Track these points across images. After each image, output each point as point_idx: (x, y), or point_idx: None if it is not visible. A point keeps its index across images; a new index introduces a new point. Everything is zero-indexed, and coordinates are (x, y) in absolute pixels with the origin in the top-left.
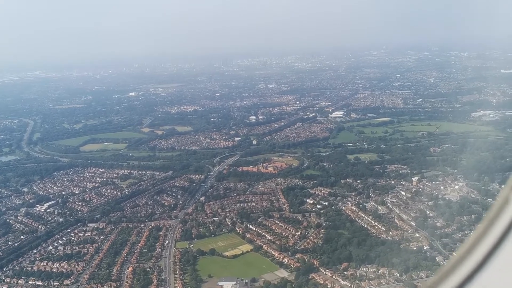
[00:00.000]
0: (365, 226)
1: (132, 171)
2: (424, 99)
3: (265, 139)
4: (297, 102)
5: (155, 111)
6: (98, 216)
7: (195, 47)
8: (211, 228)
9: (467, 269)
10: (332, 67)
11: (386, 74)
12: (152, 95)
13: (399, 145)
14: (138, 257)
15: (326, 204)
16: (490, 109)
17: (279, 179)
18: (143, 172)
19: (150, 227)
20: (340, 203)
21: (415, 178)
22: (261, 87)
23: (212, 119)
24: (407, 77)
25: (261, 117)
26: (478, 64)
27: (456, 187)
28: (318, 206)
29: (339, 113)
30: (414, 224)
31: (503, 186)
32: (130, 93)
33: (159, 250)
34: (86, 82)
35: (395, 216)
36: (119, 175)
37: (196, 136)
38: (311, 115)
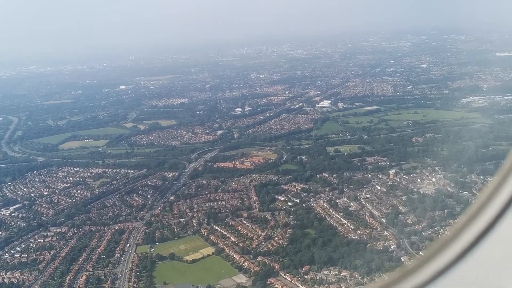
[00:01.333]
0: (334, 224)
1: (106, 170)
2: (414, 85)
3: (247, 132)
4: (286, 92)
5: (142, 105)
6: (63, 219)
7: (192, 38)
8: (175, 230)
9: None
10: (327, 54)
11: (380, 60)
12: (142, 88)
13: (382, 136)
14: (94, 264)
15: (298, 201)
16: (480, 95)
17: (254, 175)
18: (117, 170)
19: (113, 230)
20: (312, 200)
21: (392, 171)
22: (253, 77)
23: (198, 112)
24: (400, 63)
25: (247, 108)
26: (473, 48)
27: (434, 179)
28: (289, 204)
29: (326, 103)
30: (384, 221)
31: (481, 177)
32: (121, 87)
33: (118, 255)
34: (79, 76)
35: (367, 213)
36: (93, 174)
37: (179, 131)
38: (297, 106)
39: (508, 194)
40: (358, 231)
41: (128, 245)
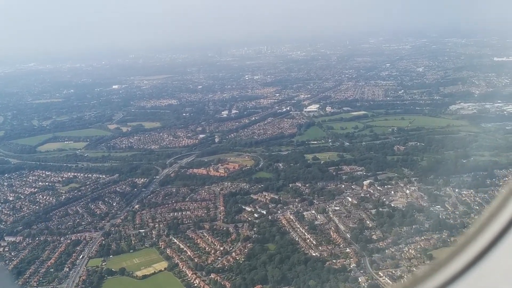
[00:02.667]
0: (296, 239)
1: (77, 174)
2: (406, 90)
3: (229, 136)
4: (277, 94)
5: (131, 106)
6: (20, 227)
7: (194, 37)
8: (133, 242)
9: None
10: (326, 56)
11: (377, 63)
12: (134, 88)
13: (364, 143)
14: (40, 279)
15: (264, 212)
16: (470, 101)
17: (226, 183)
18: (89, 175)
19: (69, 241)
20: (279, 212)
21: (366, 182)
22: (247, 78)
23: (184, 114)
24: (397, 66)
25: (234, 111)
26: (472, 52)
27: (408, 191)
28: (255, 215)
29: (314, 107)
30: (349, 237)
31: (456, 190)
32: (114, 86)
33: (67, 269)
34: (75, 75)
35: (332, 227)
36: (63, 179)
37: (161, 134)
38: (285, 109)
39: None
40: (320, 247)
41: (81, 257)
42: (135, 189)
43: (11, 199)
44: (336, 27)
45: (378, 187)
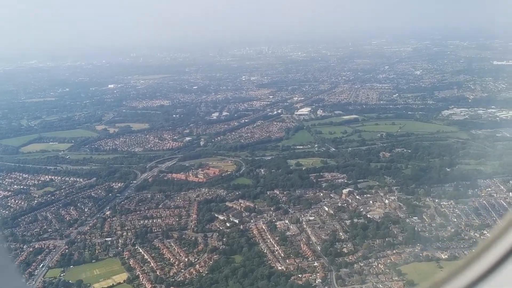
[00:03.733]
0: (265, 251)
1: (55, 177)
2: (400, 94)
3: (215, 139)
4: (271, 96)
5: (123, 106)
6: None
7: (197, 36)
8: (97, 251)
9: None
10: (326, 57)
11: (376, 65)
12: (129, 88)
13: (350, 149)
14: None
15: (237, 221)
16: (463, 107)
17: (203, 189)
18: (67, 178)
19: (31, 249)
20: (252, 221)
21: (346, 190)
22: (244, 79)
23: (174, 116)
24: (395, 68)
25: (224, 113)
26: (473, 55)
27: (386, 201)
28: (227, 224)
29: (305, 110)
30: (319, 249)
31: (436, 201)
32: (109, 85)
33: (24, 280)
34: (73, 73)
35: (303, 239)
36: (40, 182)
37: (147, 136)
38: (276, 112)
39: None
40: (287, 261)
41: (41, 266)
42: (110, 194)
43: None
44: (340, 28)
45: (357, 196)
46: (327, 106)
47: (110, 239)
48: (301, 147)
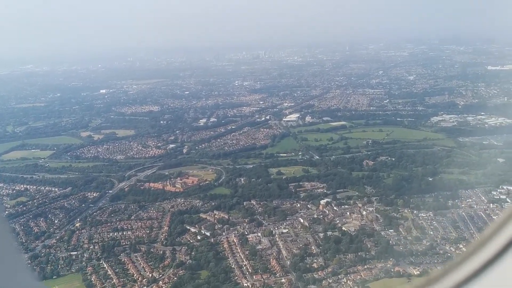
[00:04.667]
0: (233, 266)
1: (30, 187)
2: (391, 100)
3: (200, 146)
4: (261, 102)
5: (112, 112)
6: None
7: (196, 40)
8: (59, 266)
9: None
10: (321, 62)
11: (370, 70)
12: (121, 93)
13: (333, 157)
14: None
15: (209, 234)
16: (453, 113)
17: (179, 199)
18: (42, 188)
19: None
20: (224, 233)
21: (323, 201)
22: (236, 84)
23: (161, 122)
24: (389, 73)
25: (212, 119)
26: (468, 60)
27: (364, 213)
28: (198, 237)
29: (293, 116)
30: (288, 264)
31: (414, 212)
32: (101, 91)
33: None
34: (67, 77)
35: (274, 253)
36: (14, 191)
37: (131, 143)
38: (264, 118)
39: None
40: (254, 276)
41: None
42: (83, 205)
43: None
44: (339, 32)
45: (334, 207)
46: (316, 112)
47: (75, 253)
48: (285, 155)
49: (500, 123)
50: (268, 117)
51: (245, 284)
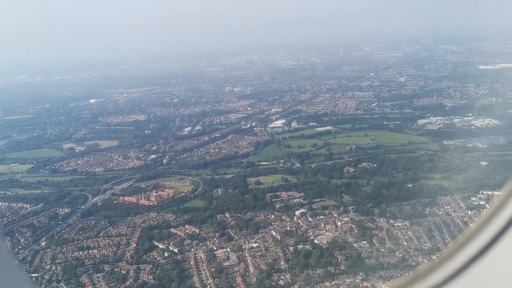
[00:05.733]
0: (197, 285)
1: (1, 204)
2: (380, 102)
3: (181, 156)
4: (249, 108)
5: (98, 122)
6: None
7: (192, 47)
8: None
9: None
10: (314, 65)
11: (362, 72)
12: (110, 102)
13: (315, 164)
14: None
15: (177, 250)
16: (440, 115)
17: (152, 214)
18: (14, 204)
19: None
20: (193, 249)
21: (298, 212)
22: (227, 90)
23: (146, 131)
24: (380, 75)
25: (197, 128)
26: (460, 59)
27: (339, 223)
28: (166, 254)
29: (279, 123)
30: (254, 281)
31: (390, 221)
32: (91, 100)
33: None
34: (60, 87)
35: (241, 269)
36: None
37: (112, 154)
38: (249, 125)
39: None
40: None
41: None
42: (52, 222)
43: None
44: (335, 34)
45: (309, 218)
46: (303, 117)
47: (36, 275)
48: (266, 163)
49: (486, 124)
50: (254, 124)
51: None
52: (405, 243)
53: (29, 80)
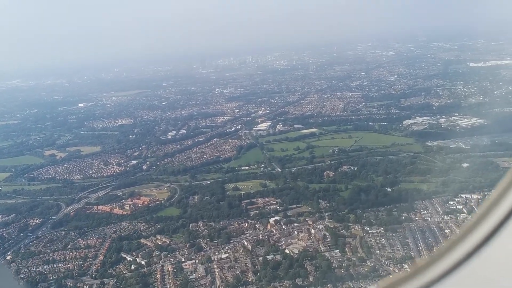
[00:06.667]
0: None
1: None
2: (367, 103)
3: (162, 162)
4: (236, 110)
5: (84, 127)
6: None
7: (188, 48)
8: None
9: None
10: (306, 65)
11: (353, 71)
12: (99, 106)
13: (295, 168)
14: None
15: (144, 263)
16: (426, 115)
17: (124, 223)
18: None
19: None
20: (161, 261)
21: (272, 220)
22: (216, 92)
23: (130, 136)
24: (371, 74)
25: (182, 131)
26: (452, 57)
27: (313, 231)
28: (133, 267)
29: (265, 125)
30: None
31: (366, 228)
32: (79, 104)
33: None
34: (50, 91)
35: (208, 282)
36: None
37: (93, 160)
38: (234, 128)
39: None
40: None
41: None
42: (21, 234)
43: None
44: (329, 33)
45: (283, 226)
46: (289, 119)
47: None
48: (247, 168)
49: (472, 124)
50: (239, 127)
51: None
52: (378, 251)
53: (21, 85)
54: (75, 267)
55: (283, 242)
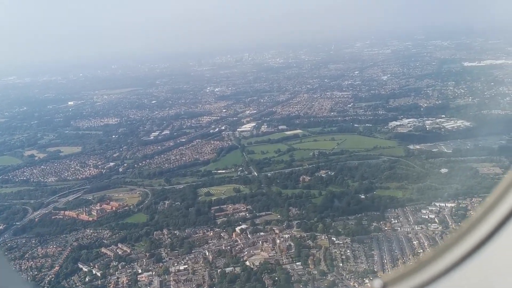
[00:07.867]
0: None
1: None
2: (356, 103)
3: (139, 164)
4: (224, 110)
5: (69, 126)
6: None
7: (186, 45)
8: None
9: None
10: (302, 63)
11: (347, 70)
12: (88, 105)
13: (272, 172)
14: None
15: (100, 274)
16: (413, 117)
17: (88, 230)
18: None
19: None
20: (117, 272)
21: (239, 228)
22: (208, 90)
23: (113, 136)
24: (364, 74)
25: (165, 132)
26: (447, 56)
27: (278, 241)
28: (87, 278)
29: (249, 126)
30: None
31: (332, 239)
32: (69, 102)
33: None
34: (44, 89)
35: None
36: None
37: (71, 162)
38: (218, 129)
39: None
40: None
41: None
42: None
43: None
44: (328, 31)
45: (249, 235)
46: (275, 120)
47: None
48: (223, 171)
49: (458, 127)
50: (223, 128)
51: None
52: (341, 264)
53: (16, 81)
54: (28, 278)
55: (246, 253)
